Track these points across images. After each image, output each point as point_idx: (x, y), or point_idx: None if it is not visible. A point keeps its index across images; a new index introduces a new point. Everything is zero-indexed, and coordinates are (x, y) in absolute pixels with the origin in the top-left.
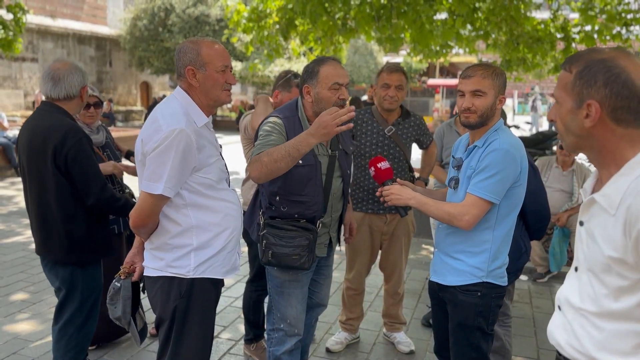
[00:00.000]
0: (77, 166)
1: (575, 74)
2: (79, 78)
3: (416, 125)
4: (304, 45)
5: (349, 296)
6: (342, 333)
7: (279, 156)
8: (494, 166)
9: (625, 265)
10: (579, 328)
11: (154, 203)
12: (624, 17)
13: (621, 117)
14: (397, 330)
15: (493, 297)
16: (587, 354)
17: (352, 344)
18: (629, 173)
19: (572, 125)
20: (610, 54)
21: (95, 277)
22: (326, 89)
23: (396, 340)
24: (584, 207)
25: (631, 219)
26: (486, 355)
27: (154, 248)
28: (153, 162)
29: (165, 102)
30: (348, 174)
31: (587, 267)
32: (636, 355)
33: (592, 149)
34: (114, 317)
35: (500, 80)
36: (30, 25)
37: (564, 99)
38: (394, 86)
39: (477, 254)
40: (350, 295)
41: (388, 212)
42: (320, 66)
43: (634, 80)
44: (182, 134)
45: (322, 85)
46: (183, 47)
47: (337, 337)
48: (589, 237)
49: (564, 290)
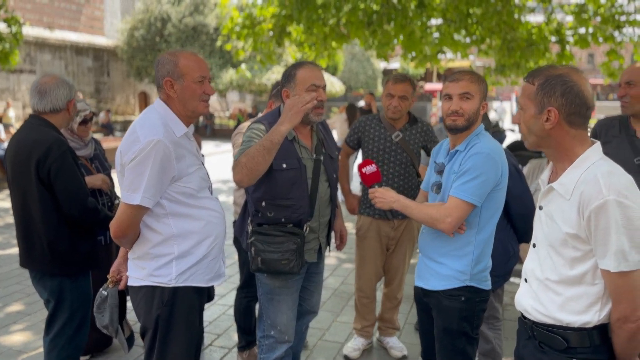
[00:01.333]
0: (59, 179)
1: (538, 85)
2: (66, 92)
3: (423, 131)
4: (299, 52)
5: (362, 304)
6: (359, 339)
7: (255, 152)
8: (475, 169)
9: (579, 239)
10: (543, 294)
11: (133, 213)
12: (617, 20)
13: (574, 121)
14: (391, 335)
15: (477, 302)
16: (551, 315)
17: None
18: (580, 166)
19: (534, 128)
20: (565, 70)
21: (84, 288)
22: (304, 91)
23: (389, 345)
24: (543, 194)
25: (584, 202)
26: (472, 359)
27: (136, 258)
28: (131, 173)
29: (145, 114)
30: (335, 179)
31: (547, 243)
32: (589, 313)
33: (549, 147)
34: (101, 325)
35: (484, 87)
36: (28, 37)
37: (528, 106)
38: (398, 96)
39: (460, 257)
40: (363, 304)
41: (395, 217)
42: (297, 70)
43: (583, 92)
44: (159, 145)
45: (300, 88)
46: (161, 59)
47: (355, 344)
48: (548, 218)
49: (528, 265)
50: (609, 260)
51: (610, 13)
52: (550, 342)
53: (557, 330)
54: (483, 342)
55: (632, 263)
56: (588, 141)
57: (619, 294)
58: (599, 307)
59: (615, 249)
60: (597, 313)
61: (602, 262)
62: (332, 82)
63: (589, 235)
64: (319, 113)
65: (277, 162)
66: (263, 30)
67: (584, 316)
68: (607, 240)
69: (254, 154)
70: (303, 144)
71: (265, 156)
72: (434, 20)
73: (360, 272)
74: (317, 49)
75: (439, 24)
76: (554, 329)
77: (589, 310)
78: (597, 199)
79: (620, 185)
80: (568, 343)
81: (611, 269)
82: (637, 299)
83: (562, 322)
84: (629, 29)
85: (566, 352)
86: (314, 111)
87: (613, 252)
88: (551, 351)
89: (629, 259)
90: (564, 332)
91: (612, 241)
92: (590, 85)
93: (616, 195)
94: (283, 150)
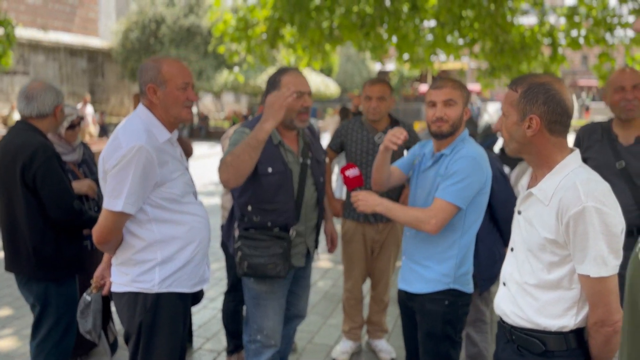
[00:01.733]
0: (45, 184)
1: (521, 93)
2: (53, 97)
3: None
4: (293, 54)
5: (350, 306)
6: (347, 342)
7: (240, 151)
8: (462, 172)
9: (557, 244)
10: (521, 298)
11: (115, 220)
12: (608, 22)
13: (555, 129)
14: (379, 338)
15: (460, 305)
16: (529, 319)
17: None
18: (559, 172)
19: (516, 134)
20: (547, 79)
21: (70, 293)
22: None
23: (378, 348)
24: (522, 199)
25: (562, 209)
26: None
27: (119, 263)
28: (113, 179)
29: (128, 120)
30: (322, 182)
31: (525, 248)
32: (565, 317)
33: (530, 154)
34: (84, 330)
35: (466, 93)
36: (21, 39)
37: (511, 113)
38: (375, 98)
39: (445, 260)
40: (351, 305)
41: (380, 221)
42: (281, 76)
43: (565, 100)
44: (141, 151)
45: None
46: (145, 66)
47: (343, 347)
48: (527, 223)
49: (506, 268)
50: (589, 266)
51: (602, 16)
52: (528, 346)
53: (534, 334)
54: (470, 345)
55: (610, 268)
56: (567, 149)
57: (596, 299)
58: (576, 311)
59: (595, 255)
60: (574, 317)
61: (581, 267)
62: (327, 84)
63: (567, 241)
64: (303, 119)
65: (262, 167)
66: (256, 33)
67: (561, 320)
68: (586, 246)
69: (239, 153)
70: (289, 148)
71: (250, 154)
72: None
73: (348, 275)
74: (311, 52)
75: (432, 26)
76: (531, 332)
77: (566, 314)
78: (575, 205)
79: (598, 192)
80: (546, 346)
81: (591, 274)
82: (613, 303)
83: (540, 325)
84: (621, 31)
85: (544, 355)
86: (299, 117)
87: (592, 257)
88: (529, 355)
89: (607, 264)
90: (541, 335)
91: (591, 247)
92: (570, 95)
93: (594, 202)
94: (268, 155)
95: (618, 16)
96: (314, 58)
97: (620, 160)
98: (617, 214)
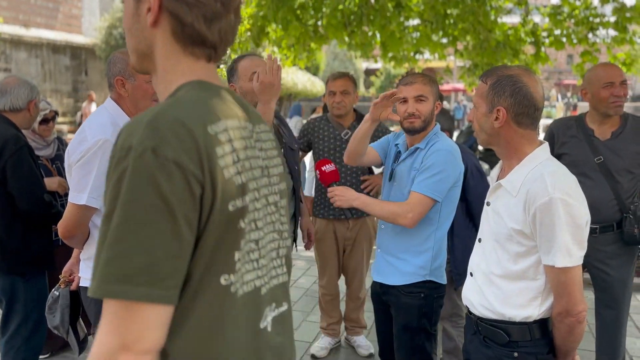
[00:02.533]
0: (15, 175)
1: (489, 85)
2: (26, 92)
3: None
4: (279, 52)
5: (326, 302)
6: (325, 338)
7: None
8: (437, 165)
9: (523, 235)
10: (487, 289)
11: (80, 213)
12: (591, 22)
13: (522, 121)
14: (358, 334)
15: (435, 298)
16: (494, 309)
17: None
18: (527, 164)
19: (485, 126)
20: (517, 71)
21: (39, 289)
22: (247, 81)
23: (356, 344)
24: (491, 190)
25: (530, 200)
26: (430, 355)
27: (87, 258)
28: (78, 173)
29: (95, 113)
30: (296, 170)
31: (493, 238)
32: (530, 307)
33: (499, 145)
34: (52, 326)
35: (436, 88)
36: (3, 35)
37: (480, 105)
38: (339, 92)
39: (421, 252)
40: (327, 301)
41: (353, 215)
42: (237, 63)
43: (532, 93)
44: (106, 144)
45: (243, 79)
46: (113, 58)
47: (322, 343)
48: (495, 214)
49: (474, 259)
50: (554, 256)
51: (585, 15)
52: (493, 337)
53: (499, 325)
54: (447, 339)
55: (574, 259)
56: (536, 141)
57: (561, 289)
58: (540, 301)
59: (560, 245)
60: (538, 307)
61: (547, 258)
62: (314, 82)
63: (533, 232)
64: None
65: None
66: (241, 31)
67: (526, 310)
68: (552, 237)
69: None
70: None
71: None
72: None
73: (322, 272)
74: (296, 50)
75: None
76: (496, 323)
77: (530, 305)
78: (542, 196)
79: (565, 184)
80: (510, 337)
81: (556, 264)
82: (577, 293)
83: (505, 316)
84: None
85: (508, 345)
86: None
87: (558, 248)
88: (494, 345)
89: (572, 254)
90: (505, 326)
91: (557, 238)
92: (541, 87)
93: (561, 194)
94: None
95: (600, 16)
96: (300, 57)
97: (598, 156)
98: (582, 206)
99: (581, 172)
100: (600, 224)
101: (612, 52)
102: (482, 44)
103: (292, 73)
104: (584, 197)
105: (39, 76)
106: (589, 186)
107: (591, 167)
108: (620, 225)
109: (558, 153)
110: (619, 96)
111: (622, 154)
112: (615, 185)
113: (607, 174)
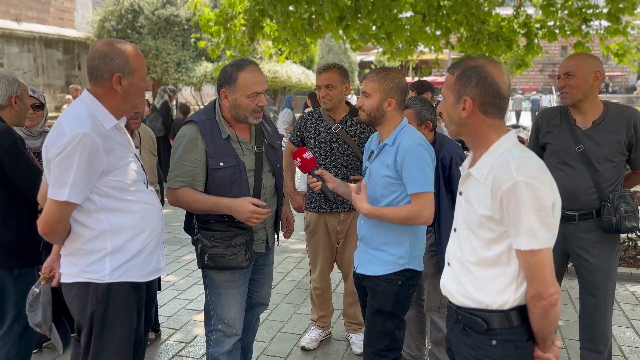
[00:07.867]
0: (16, 167)
1: (456, 76)
2: (5, 87)
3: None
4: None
5: (317, 295)
6: (315, 330)
7: (197, 207)
8: (418, 161)
9: (493, 221)
10: (464, 276)
11: (61, 210)
12: (583, 13)
13: (488, 110)
14: (355, 331)
15: (411, 285)
16: (471, 297)
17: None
18: (494, 152)
19: (454, 116)
20: (482, 61)
21: (30, 285)
22: (244, 96)
23: (352, 340)
24: (462, 179)
25: (496, 185)
26: (398, 344)
27: (68, 254)
28: (57, 168)
29: (72, 106)
30: (279, 168)
31: (466, 226)
32: (505, 293)
33: (468, 135)
34: (33, 323)
35: (387, 85)
36: None
37: (448, 96)
38: (324, 86)
39: (400, 243)
40: (318, 295)
41: (341, 210)
42: (238, 72)
43: (498, 82)
44: (85, 138)
45: (241, 93)
46: (110, 53)
47: (312, 335)
48: (467, 202)
49: (450, 248)
50: (520, 239)
51: (577, 6)
52: (472, 325)
53: (477, 313)
54: (434, 330)
55: (541, 241)
56: (504, 129)
57: (531, 272)
58: (515, 286)
59: (526, 228)
60: (514, 292)
61: (515, 242)
62: (308, 75)
63: (502, 217)
64: (257, 117)
65: (213, 161)
66: (236, 26)
67: (502, 296)
68: (518, 220)
69: (196, 208)
70: (241, 139)
71: (204, 210)
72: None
73: (313, 265)
74: (291, 44)
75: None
76: (474, 311)
77: (506, 290)
78: (507, 181)
79: (530, 168)
80: (488, 325)
81: (522, 247)
82: (547, 276)
83: (482, 303)
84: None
85: (487, 333)
86: (253, 115)
87: (524, 231)
88: (474, 334)
89: (538, 237)
90: (483, 314)
91: (523, 221)
92: (507, 77)
93: (525, 177)
94: (219, 149)
95: (593, 7)
96: (294, 51)
97: (579, 145)
98: (548, 189)
99: (563, 161)
100: (579, 211)
101: (605, 43)
102: (475, 36)
103: (287, 66)
104: (552, 180)
105: (32, 71)
106: (570, 174)
107: (572, 156)
108: (600, 213)
109: (543, 142)
110: (561, 87)
111: (602, 142)
112: (595, 174)
113: (587, 163)
